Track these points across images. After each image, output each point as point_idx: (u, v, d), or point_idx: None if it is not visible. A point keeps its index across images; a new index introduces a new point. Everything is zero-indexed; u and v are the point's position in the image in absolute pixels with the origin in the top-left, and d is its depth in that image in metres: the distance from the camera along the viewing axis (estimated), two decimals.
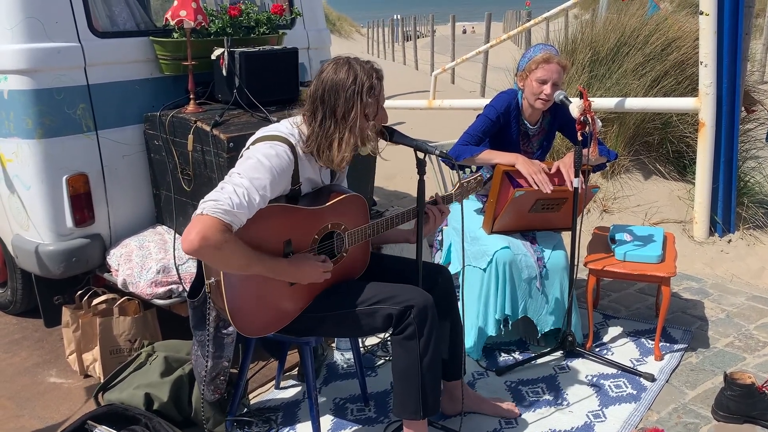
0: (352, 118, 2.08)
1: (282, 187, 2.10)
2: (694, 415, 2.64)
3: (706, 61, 4.13)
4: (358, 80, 2.07)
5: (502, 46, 7.59)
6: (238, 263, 1.97)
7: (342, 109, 2.07)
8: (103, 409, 2.45)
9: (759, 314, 3.48)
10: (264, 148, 2.07)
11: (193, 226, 1.88)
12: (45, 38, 2.76)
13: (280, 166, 2.05)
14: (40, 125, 2.79)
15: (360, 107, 2.07)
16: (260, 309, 2.14)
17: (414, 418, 2.22)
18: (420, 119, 7.46)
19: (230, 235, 1.91)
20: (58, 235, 2.94)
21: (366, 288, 2.23)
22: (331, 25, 25.12)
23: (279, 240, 2.11)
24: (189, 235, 1.87)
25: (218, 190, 1.95)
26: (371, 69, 2.12)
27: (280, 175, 2.05)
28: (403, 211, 2.34)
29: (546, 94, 2.88)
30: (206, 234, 1.86)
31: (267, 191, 2.00)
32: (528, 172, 2.79)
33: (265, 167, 2.01)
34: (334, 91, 2.07)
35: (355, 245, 2.31)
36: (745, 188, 4.74)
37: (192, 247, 1.87)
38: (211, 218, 1.88)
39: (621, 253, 3.02)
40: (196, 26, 2.98)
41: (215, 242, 1.87)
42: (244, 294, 2.10)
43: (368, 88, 2.08)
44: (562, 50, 5.74)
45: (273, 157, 2.05)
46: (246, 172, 2.00)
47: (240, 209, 1.92)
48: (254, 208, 1.97)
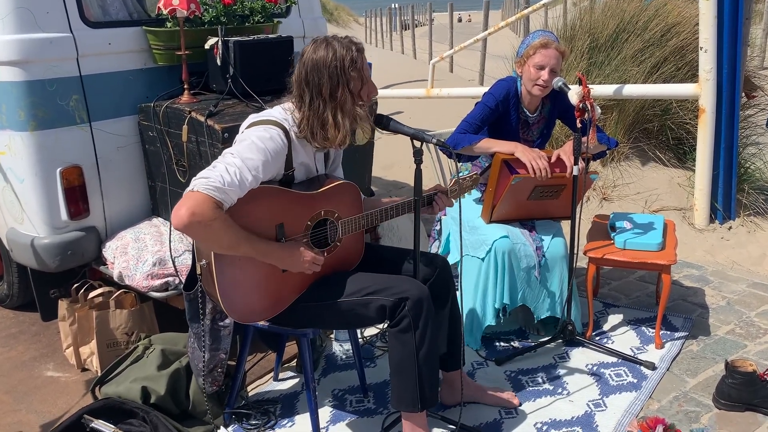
0: (341, 94, 2.08)
1: (275, 170, 2.10)
2: (695, 403, 2.63)
3: (706, 47, 4.10)
4: (338, 55, 2.07)
5: (501, 34, 7.54)
6: (227, 242, 1.96)
7: (327, 87, 2.07)
8: (100, 403, 2.44)
9: (760, 301, 3.46)
10: (258, 131, 2.07)
11: (184, 202, 1.88)
12: (36, 29, 2.72)
13: (274, 149, 2.05)
14: (32, 117, 2.76)
15: (344, 82, 2.08)
16: (252, 294, 2.12)
17: (412, 411, 2.20)
18: (418, 108, 7.42)
19: (220, 212, 1.91)
20: (52, 228, 2.92)
21: (360, 279, 2.21)
22: (329, 14, 25.01)
23: (271, 223, 2.10)
24: (179, 211, 1.87)
25: (210, 168, 1.96)
26: (349, 43, 2.12)
27: (273, 158, 2.05)
28: (398, 204, 2.32)
29: (544, 80, 2.84)
30: (196, 210, 1.87)
31: (259, 172, 2.00)
32: (528, 158, 2.76)
33: (258, 148, 2.02)
34: (316, 71, 2.08)
35: (349, 235, 2.28)
36: (746, 175, 4.71)
37: (181, 222, 1.87)
38: (202, 194, 1.89)
39: (621, 241, 3.00)
40: (189, 15, 2.94)
41: (204, 218, 1.87)
42: (236, 277, 2.07)
43: (350, 61, 2.08)
44: (560, 37, 5.69)
45: (267, 139, 2.05)
46: (239, 152, 2.01)
47: (231, 187, 1.92)
48: (245, 188, 1.97)
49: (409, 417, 2.23)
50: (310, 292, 2.22)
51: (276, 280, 2.15)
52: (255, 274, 2.11)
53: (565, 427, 2.48)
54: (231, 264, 2.06)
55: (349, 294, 2.18)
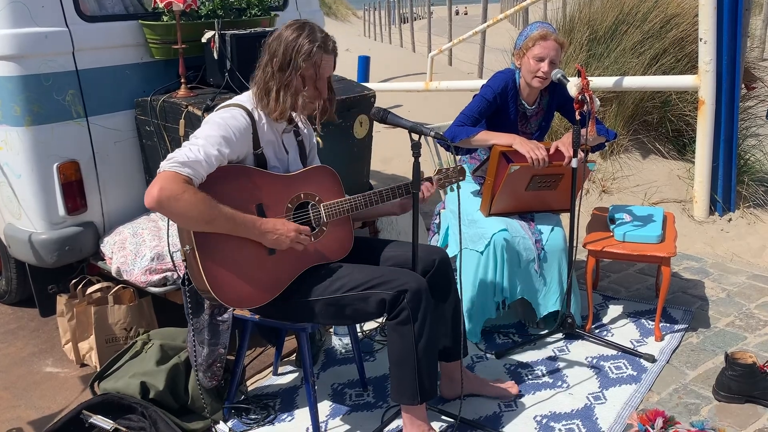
0: (289, 74, 2.12)
1: (242, 147, 2.14)
2: (695, 395, 2.62)
3: (705, 38, 4.08)
4: (299, 40, 2.12)
5: (500, 26, 7.52)
6: (201, 214, 1.97)
7: (280, 60, 2.13)
8: (99, 399, 2.43)
9: (759, 293, 3.46)
10: (219, 112, 2.16)
11: (154, 182, 1.95)
12: (31, 23, 2.70)
13: (236, 126, 2.11)
14: (28, 112, 2.75)
15: (294, 65, 2.12)
16: (239, 278, 2.10)
17: (411, 403, 2.20)
18: (417, 101, 7.40)
19: (189, 186, 1.96)
20: (50, 224, 2.91)
21: (358, 272, 2.20)
22: (327, 8, 24.90)
23: (250, 203, 2.12)
24: (149, 190, 1.94)
25: (176, 151, 2.02)
26: (320, 38, 2.13)
27: (236, 134, 2.10)
28: (383, 190, 2.30)
29: (543, 72, 2.83)
30: (163, 185, 1.92)
31: (223, 146, 2.05)
32: (526, 150, 2.75)
33: (219, 125, 2.08)
34: (278, 42, 2.15)
35: (335, 221, 2.27)
36: (746, 166, 4.70)
37: (152, 199, 1.92)
38: (168, 172, 1.96)
39: (620, 234, 2.99)
40: (186, 9, 2.92)
41: (173, 192, 1.92)
42: (219, 260, 2.06)
43: (306, 52, 2.11)
44: (559, 29, 5.67)
45: (228, 117, 2.12)
46: (201, 131, 2.09)
47: (195, 161, 1.98)
48: (212, 162, 2.02)
49: (408, 410, 2.23)
50: (308, 287, 2.21)
51: (263, 263, 2.14)
52: (241, 257, 2.10)
53: (564, 420, 2.48)
54: (214, 246, 2.05)
55: (349, 289, 2.17)
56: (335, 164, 2.40)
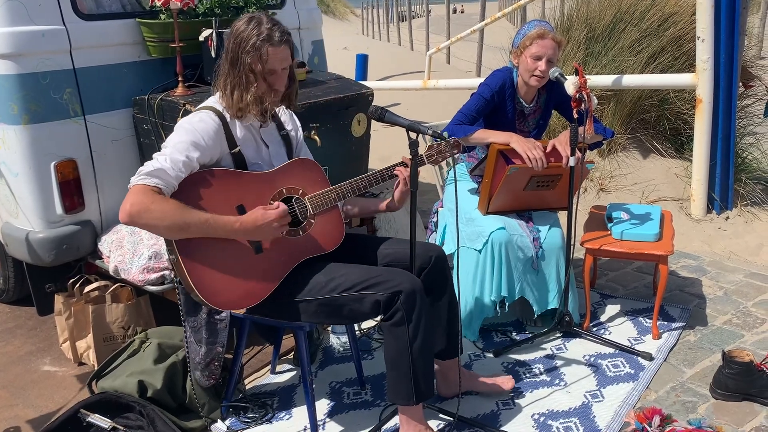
0: (239, 70, 2.11)
1: (216, 149, 2.13)
2: (692, 393, 2.63)
3: (703, 36, 4.08)
4: (244, 34, 2.09)
5: (498, 25, 7.52)
6: (173, 222, 1.96)
7: (229, 56, 2.13)
8: (96, 398, 2.43)
9: (757, 291, 3.47)
10: (187, 118, 2.16)
11: (126, 197, 1.96)
12: (28, 21, 2.70)
13: (204, 128, 2.10)
14: (26, 111, 2.74)
15: (241, 60, 2.10)
16: (228, 281, 2.10)
17: (407, 404, 2.20)
18: (415, 100, 7.40)
19: (157, 196, 1.96)
20: (47, 223, 2.90)
21: (353, 272, 2.18)
22: (325, 6, 24.89)
23: (230, 205, 2.10)
24: (122, 206, 1.96)
25: (144, 165, 2.02)
26: (266, 29, 2.09)
27: (205, 137, 2.09)
28: (367, 175, 2.29)
29: (541, 71, 2.83)
30: (134, 200, 1.94)
31: (191, 152, 2.04)
32: (523, 149, 2.75)
33: (185, 130, 2.08)
34: (229, 36, 2.14)
35: (323, 212, 2.26)
36: (743, 165, 4.71)
37: (125, 214, 1.95)
38: (137, 186, 1.97)
39: (618, 232, 2.99)
40: (183, 7, 2.92)
41: (142, 204, 1.93)
42: (206, 265, 2.06)
43: (251, 46, 2.08)
44: (557, 27, 5.67)
45: (196, 121, 2.11)
46: (169, 139, 2.09)
47: (163, 170, 1.98)
48: (181, 169, 2.02)
49: (405, 410, 2.23)
50: (302, 288, 2.19)
51: (251, 263, 2.13)
52: (226, 259, 2.09)
53: (562, 418, 2.48)
54: (198, 252, 2.05)
55: (344, 289, 2.16)
56: (333, 163, 2.40)
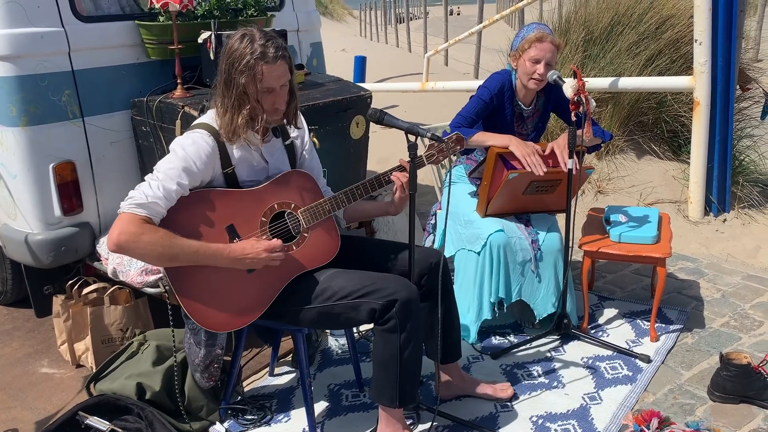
0: (231, 91, 2.04)
1: (208, 173, 2.10)
2: (690, 395, 2.63)
3: (700, 39, 4.09)
4: (237, 53, 2.02)
5: (496, 27, 7.52)
6: (162, 253, 1.96)
7: (223, 76, 2.07)
8: (94, 400, 2.43)
9: (754, 293, 3.47)
10: (181, 139, 2.10)
11: (114, 225, 1.95)
12: (27, 23, 2.69)
13: (197, 152, 2.06)
14: (24, 112, 2.74)
15: (234, 82, 2.03)
16: (221, 304, 2.09)
17: (390, 406, 2.20)
18: (413, 102, 7.40)
19: (147, 226, 1.94)
20: (46, 224, 2.90)
21: (349, 280, 2.16)
22: (323, 8, 24.90)
23: (220, 226, 2.08)
24: (110, 234, 1.94)
25: (136, 188, 2.00)
26: (260, 47, 2.00)
27: (198, 163, 2.05)
28: (362, 182, 2.25)
29: (539, 74, 2.84)
30: (122, 229, 1.93)
31: (183, 179, 2.02)
32: (521, 153, 2.76)
33: (178, 156, 2.04)
34: (222, 56, 2.08)
35: (318, 225, 2.23)
36: (740, 167, 4.72)
37: (112, 243, 1.94)
38: (127, 214, 1.95)
39: (616, 235, 3.00)
40: (182, 9, 2.92)
41: (131, 236, 1.92)
42: (197, 290, 2.05)
43: (244, 65, 2.01)
44: (555, 30, 5.68)
45: (188, 145, 2.07)
46: (161, 164, 2.05)
47: (154, 199, 1.96)
48: (172, 197, 2.00)
49: (386, 410, 2.23)
50: (298, 296, 2.19)
51: (244, 282, 2.11)
52: (217, 280, 2.08)
53: (560, 420, 2.49)
54: (187, 275, 2.04)
55: (339, 298, 2.15)
56: (331, 165, 2.40)
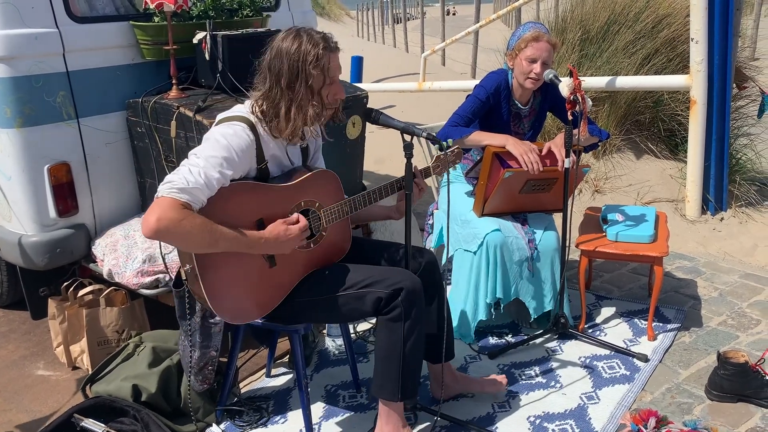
0: (297, 88, 2.04)
1: (245, 165, 2.08)
2: (687, 394, 2.63)
3: (697, 38, 4.09)
4: (302, 49, 2.03)
5: (493, 26, 7.53)
6: (202, 240, 1.92)
7: (286, 77, 2.04)
8: (90, 402, 2.42)
9: (752, 292, 3.47)
10: (221, 128, 2.06)
11: (151, 209, 1.87)
12: (21, 24, 2.68)
13: (239, 144, 2.03)
14: (19, 114, 2.73)
15: (303, 77, 2.03)
16: (240, 294, 2.10)
17: (392, 400, 2.20)
18: (410, 102, 7.39)
19: (187, 212, 1.88)
20: (41, 226, 2.89)
21: (354, 272, 2.19)
22: (320, 8, 24.88)
23: (250, 220, 2.07)
24: (147, 219, 1.85)
25: (174, 172, 1.94)
26: (321, 39, 2.06)
27: (239, 153, 2.02)
28: (380, 186, 2.29)
29: (536, 73, 2.83)
30: (162, 215, 1.84)
31: (225, 168, 1.97)
32: (519, 152, 2.75)
33: (221, 145, 2.00)
34: (278, 58, 2.05)
35: (334, 224, 2.26)
36: (737, 166, 4.72)
37: (150, 229, 1.85)
38: (167, 198, 1.87)
39: (613, 234, 3.00)
40: (177, 10, 2.91)
41: (171, 221, 1.85)
42: (222, 278, 2.05)
43: (313, 58, 2.03)
44: (552, 29, 5.67)
45: (230, 135, 2.03)
46: (202, 151, 1.99)
47: (196, 186, 1.90)
48: (213, 186, 1.95)
49: (386, 404, 2.23)
50: (305, 287, 2.20)
51: (265, 276, 2.13)
52: (242, 273, 2.08)
53: (558, 420, 2.48)
54: (215, 265, 2.03)
55: (345, 287, 2.16)
56: (328, 165, 2.40)
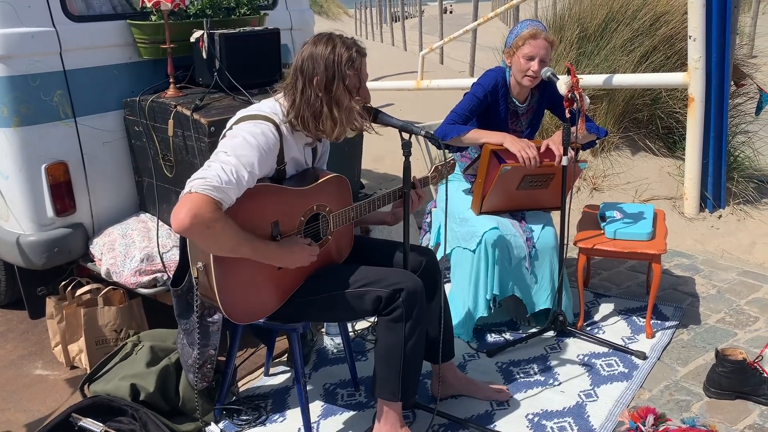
0: (336, 88, 2.06)
1: (269, 166, 2.07)
2: (685, 392, 2.63)
3: (694, 35, 4.09)
4: (337, 51, 2.05)
5: (491, 24, 7.53)
6: (228, 243, 1.92)
7: (323, 78, 2.05)
8: (88, 401, 2.42)
9: (750, 289, 3.47)
10: (249, 127, 2.04)
11: (183, 204, 1.83)
12: (17, 23, 2.67)
13: (267, 144, 2.02)
14: (16, 113, 2.72)
15: (340, 77, 2.05)
16: (249, 294, 2.10)
17: (392, 400, 2.21)
18: (409, 100, 7.39)
19: (220, 213, 1.86)
20: (39, 226, 2.88)
21: (355, 271, 2.20)
22: (318, 7, 24.85)
23: (267, 221, 2.07)
24: (179, 214, 1.82)
25: (205, 168, 1.91)
26: (352, 43, 2.11)
27: (266, 154, 2.02)
28: (385, 193, 2.30)
29: (533, 71, 2.83)
30: (197, 212, 1.81)
31: (255, 168, 1.96)
32: (517, 148, 2.75)
33: (251, 145, 1.98)
34: (312, 60, 2.06)
35: (340, 228, 2.27)
36: (735, 163, 4.73)
37: (183, 225, 1.81)
38: (201, 195, 1.83)
39: (611, 231, 3.00)
40: (174, 8, 2.90)
41: (206, 220, 1.82)
42: (235, 279, 2.05)
43: (347, 60, 2.06)
44: (550, 27, 5.67)
45: (259, 135, 2.02)
46: (233, 149, 1.96)
47: (229, 185, 1.88)
48: (243, 186, 1.94)
49: (386, 404, 2.23)
50: (305, 286, 2.21)
51: (273, 277, 2.13)
52: (253, 274, 2.08)
53: (556, 418, 2.48)
54: (230, 266, 2.02)
55: (345, 286, 2.17)
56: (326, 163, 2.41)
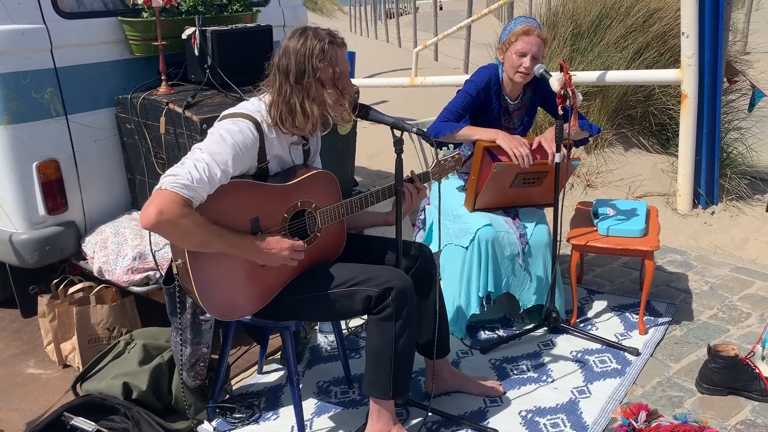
0: (307, 83, 2.07)
1: (246, 163, 2.08)
2: (678, 388, 2.64)
3: (687, 32, 4.09)
4: (308, 44, 2.06)
5: (486, 21, 7.52)
6: (198, 239, 1.93)
7: (294, 72, 2.06)
8: (81, 400, 2.41)
9: (742, 285, 3.49)
10: (227, 125, 2.06)
11: (152, 200, 1.87)
12: (7, 20, 2.65)
13: (243, 142, 2.03)
14: (6, 111, 2.70)
15: (310, 70, 2.06)
16: (231, 291, 2.09)
17: (383, 398, 2.21)
18: (403, 97, 7.38)
19: (189, 209, 1.89)
20: (30, 224, 2.87)
21: (344, 270, 2.19)
22: (313, 3, 24.78)
23: (245, 218, 2.07)
24: (147, 210, 1.86)
25: (179, 165, 1.94)
26: (326, 35, 2.09)
27: (243, 151, 2.03)
28: (377, 190, 2.29)
29: (525, 67, 2.83)
30: (163, 208, 1.85)
31: (228, 166, 1.98)
32: (509, 146, 2.75)
33: (227, 142, 2.00)
34: (286, 56, 2.08)
35: (329, 225, 2.26)
36: (728, 159, 4.74)
37: (149, 221, 1.85)
38: (170, 192, 1.87)
39: (604, 228, 3.00)
40: (166, 5, 2.90)
41: (172, 217, 1.86)
42: (213, 274, 2.04)
43: (319, 51, 2.06)
44: (543, 23, 5.67)
45: (236, 132, 2.03)
46: (207, 147, 1.99)
47: (200, 184, 1.91)
48: (215, 184, 1.95)
49: (378, 402, 2.23)
50: (294, 285, 2.20)
51: (256, 274, 2.12)
52: (233, 270, 2.07)
53: (549, 415, 2.49)
54: (207, 261, 2.02)
55: (335, 285, 2.16)
56: None
